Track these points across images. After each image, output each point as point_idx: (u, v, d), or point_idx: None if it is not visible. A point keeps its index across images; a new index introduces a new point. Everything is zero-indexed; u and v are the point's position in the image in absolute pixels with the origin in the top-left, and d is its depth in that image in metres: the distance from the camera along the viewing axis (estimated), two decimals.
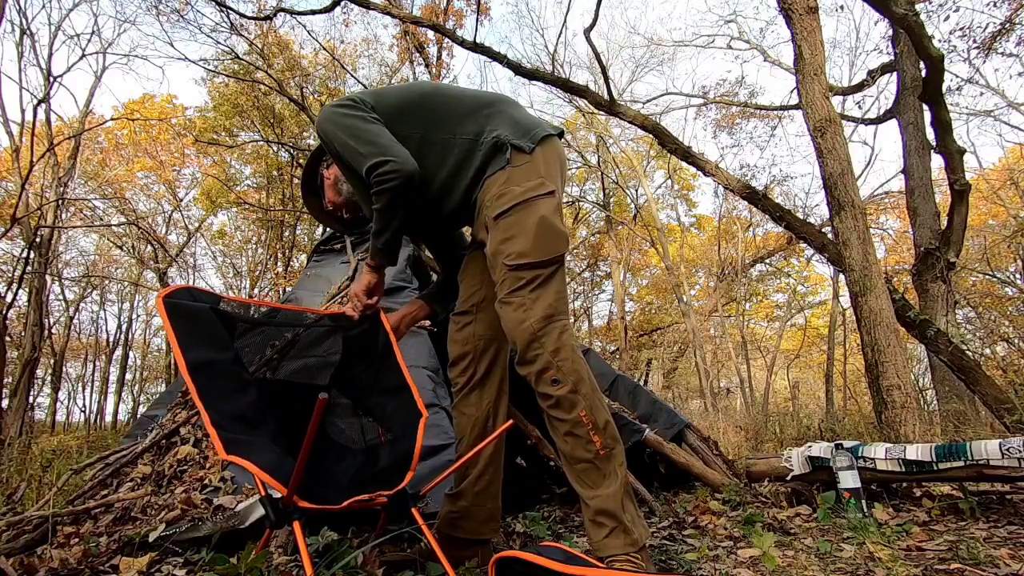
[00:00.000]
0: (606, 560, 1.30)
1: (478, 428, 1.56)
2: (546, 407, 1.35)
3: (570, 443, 1.33)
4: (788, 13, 4.76)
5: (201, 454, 2.27)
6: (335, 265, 3.99)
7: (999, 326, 10.16)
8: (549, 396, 1.33)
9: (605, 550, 1.29)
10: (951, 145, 5.22)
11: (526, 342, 1.33)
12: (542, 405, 1.36)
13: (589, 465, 1.32)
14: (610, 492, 1.30)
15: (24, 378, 9.72)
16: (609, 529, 1.29)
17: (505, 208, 1.38)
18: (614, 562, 1.28)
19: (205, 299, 1.29)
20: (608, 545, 1.29)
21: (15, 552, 1.66)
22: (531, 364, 1.33)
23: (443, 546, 1.39)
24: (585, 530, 1.37)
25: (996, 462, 1.80)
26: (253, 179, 16.30)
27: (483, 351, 1.59)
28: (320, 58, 13.27)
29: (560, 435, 1.35)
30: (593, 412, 1.32)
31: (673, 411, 3.00)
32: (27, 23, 10.03)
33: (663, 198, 18.95)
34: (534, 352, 1.32)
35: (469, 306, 1.62)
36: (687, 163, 7.12)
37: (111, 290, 18.75)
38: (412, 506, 1.29)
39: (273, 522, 1.09)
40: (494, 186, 1.42)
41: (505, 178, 1.41)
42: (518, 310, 1.35)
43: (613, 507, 1.29)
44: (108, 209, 14.88)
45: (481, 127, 1.47)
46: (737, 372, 17.14)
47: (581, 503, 1.36)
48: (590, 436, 1.31)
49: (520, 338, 1.34)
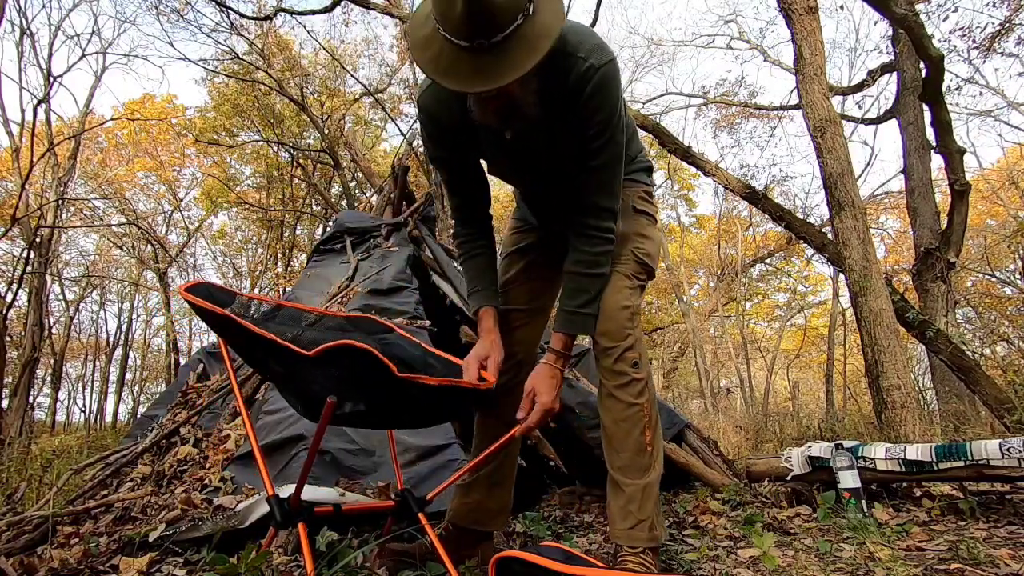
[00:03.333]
0: (620, 552, 1.32)
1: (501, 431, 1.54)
2: (614, 386, 1.38)
3: (623, 429, 1.37)
4: (788, 13, 4.77)
5: (201, 454, 2.27)
6: (335, 265, 3.99)
7: (999, 326, 10.17)
8: (625, 375, 1.37)
9: (627, 540, 1.32)
10: (951, 145, 5.22)
11: (626, 318, 1.39)
12: (609, 385, 1.38)
13: (635, 456, 1.36)
14: (646, 484, 1.35)
15: (24, 378, 9.72)
16: (636, 521, 1.33)
17: (648, 213, 1.56)
18: (626, 558, 1.29)
19: (223, 297, 1.31)
20: (632, 536, 1.32)
21: (15, 552, 1.66)
22: (621, 340, 1.38)
23: (448, 542, 1.40)
24: (609, 518, 1.38)
25: (996, 462, 1.80)
26: (253, 179, 16.30)
27: (524, 363, 1.54)
28: (320, 58, 13.27)
29: (615, 419, 1.38)
30: (653, 408, 1.40)
31: (673, 411, 3.00)
32: (27, 23, 10.04)
33: (663, 198, 18.97)
34: (627, 331, 1.38)
35: (534, 306, 1.59)
36: (687, 163, 7.13)
37: (111, 290, 18.74)
38: (418, 511, 1.29)
39: (279, 522, 1.09)
40: (639, 188, 1.57)
41: (645, 191, 1.59)
42: (626, 292, 1.42)
43: (645, 500, 1.33)
44: (108, 209, 14.88)
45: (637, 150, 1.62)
46: (737, 372, 17.15)
47: (612, 491, 1.38)
48: (644, 428, 1.37)
49: (621, 315, 1.39)
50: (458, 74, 1.04)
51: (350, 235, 4.19)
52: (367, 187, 11.92)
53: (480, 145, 1.37)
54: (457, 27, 1.01)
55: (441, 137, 1.36)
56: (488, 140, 1.34)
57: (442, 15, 1.02)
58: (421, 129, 1.38)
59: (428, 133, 1.38)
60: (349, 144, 12.08)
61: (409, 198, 5.14)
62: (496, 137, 1.31)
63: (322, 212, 14.62)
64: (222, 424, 2.42)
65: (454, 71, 1.04)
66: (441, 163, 1.41)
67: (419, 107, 1.34)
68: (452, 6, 0.99)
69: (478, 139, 1.35)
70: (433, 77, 1.07)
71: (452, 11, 1.00)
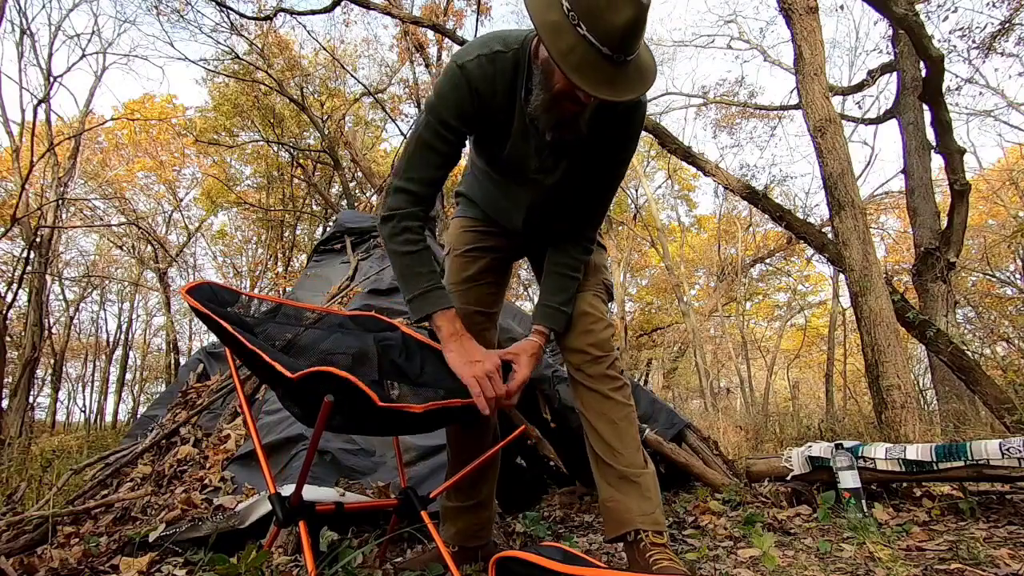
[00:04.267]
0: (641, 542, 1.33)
1: (489, 433, 1.55)
2: (610, 389, 1.43)
3: (623, 428, 1.41)
4: (788, 13, 4.77)
5: (201, 454, 2.27)
6: (335, 265, 3.99)
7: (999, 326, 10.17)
8: (618, 379, 1.44)
9: (652, 524, 1.34)
10: (951, 145, 5.22)
11: (610, 333, 1.48)
12: (606, 388, 1.42)
13: (635, 453, 1.41)
14: (651, 473, 1.41)
15: (24, 378, 9.72)
16: (656, 505, 1.38)
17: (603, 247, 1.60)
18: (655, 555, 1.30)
19: (226, 296, 1.30)
20: (656, 520, 1.35)
21: (15, 552, 1.66)
22: (611, 351, 1.46)
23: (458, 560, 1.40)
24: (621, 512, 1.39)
25: (996, 462, 1.80)
26: (253, 179, 16.30)
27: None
28: (320, 58, 13.27)
29: (614, 418, 1.41)
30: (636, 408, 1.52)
31: (673, 411, 3.00)
32: (27, 23, 10.03)
33: (663, 198, 18.98)
34: (612, 343, 1.47)
35: (494, 310, 1.59)
36: (687, 163, 7.13)
37: (111, 290, 18.74)
38: (421, 508, 1.29)
39: (281, 520, 1.09)
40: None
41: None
42: (604, 310, 1.51)
43: (655, 487, 1.40)
44: (108, 209, 14.87)
45: None
46: (737, 372, 17.15)
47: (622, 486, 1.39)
48: (636, 428, 1.44)
49: (607, 331, 1.47)
50: (593, 78, 1.02)
51: (350, 235, 4.20)
52: (367, 187, 11.93)
53: (505, 132, 1.31)
54: (612, 37, 1.00)
55: (468, 109, 1.25)
56: (521, 132, 1.29)
57: (595, 19, 0.99)
58: (445, 93, 1.25)
59: (455, 99, 1.24)
60: (349, 144, 12.09)
61: None
62: (532, 133, 1.27)
63: (322, 212, 14.64)
64: (222, 424, 2.42)
65: (590, 73, 1.02)
66: (445, 133, 1.27)
67: (461, 72, 1.22)
68: (615, 15, 0.98)
69: (509, 126, 1.29)
70: (568, 73, 1.02)
71: (613, 21, 0.99)
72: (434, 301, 1.29)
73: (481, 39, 1.27)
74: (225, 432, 2.31)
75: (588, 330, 1.44)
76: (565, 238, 1.45)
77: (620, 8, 0.98)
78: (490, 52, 1.22)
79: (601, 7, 0.99)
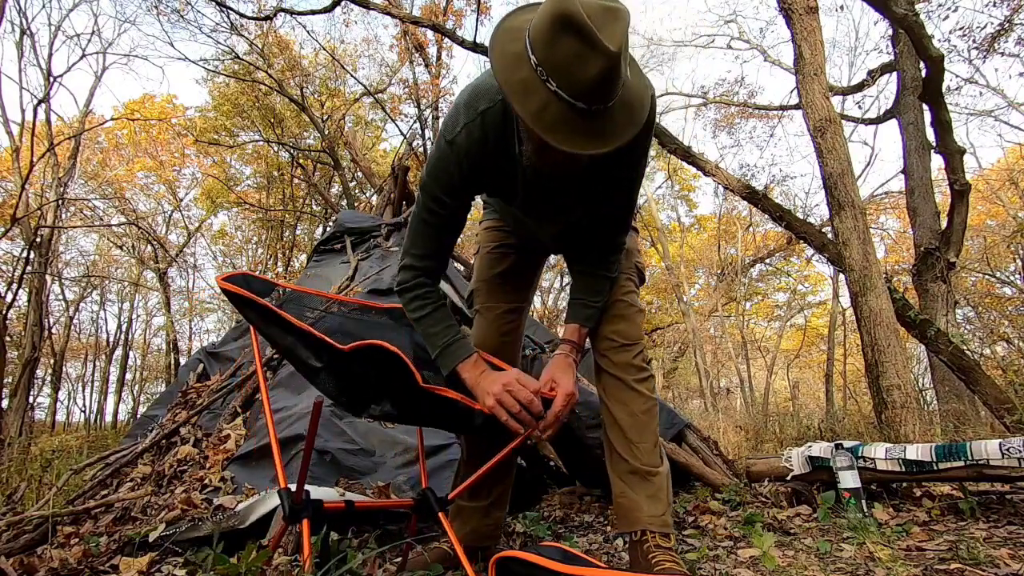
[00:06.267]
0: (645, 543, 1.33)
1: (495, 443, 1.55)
2: (635, 380, 1.44)
3: (643, 421, 1.42)
4: (788, 13, 4.76)
5: (201, 454, 2.27)
6: (335, 265, 3.99)
7: (999, 326, 10.17)
8: (644, 369, 1.46)
9: (660, 526, 1.35)
10: (951, 145, 5.22)
11: (640, 320, 1.51)
12: (630, 379, 1.43)
13: (653, 448, 1.41)
14: (666, 473, 1.42)
15: (24, 378, 9.72)
16: (666, 507, 1.38)
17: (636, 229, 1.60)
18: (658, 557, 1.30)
19: (260, 286, 1.32)
20: (664, 522, 1.36)
21: (15, 552, 1.66)
22: (639, 339, 1.48)
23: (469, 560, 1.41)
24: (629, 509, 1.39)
25: (996, 462, 1.80)
26: (253, 179, 16.30)
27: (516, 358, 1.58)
28: (320, 58, 13.27)
29: (635, 411, 1.42)
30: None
31: (673, 411, 3.00)
32: (27, 23, 10.03)
33: (663, 198, 18.98)
34: (641, 331, 1.50)
35: (522, 305, 1.60)
36: (687, 163, 7.12)
37: (111, 290, 18.73)
38: (440, 510, 1.29)
39: (288, 516, 1.09)
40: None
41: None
42: (635, 296, 1.53)
43: (668, 488, 1.41)
44: (108, 209, 14.87)
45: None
46: (737, 372, 17.14)
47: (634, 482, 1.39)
48: (656, 422, 1.44)
49: (637, 316, 1.51)
50: (570, 135, 0.98)
51: (350, 235, 4.20)
52: (367, 187, 11.92)
53: (512, 178, 1.29)
54: (582, 90, 0.95)
55: (462, 182, 1.25)
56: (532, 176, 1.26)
57: (564, 74, 0.94)
58: (437, 173, 1.24)
59: (447, 179, 1.24)
60: (349, 144, 12.08)
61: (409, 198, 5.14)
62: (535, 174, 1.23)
63: (322, 212, 14.63)
64: (222, 424, 2.42)
65: (565, 130, 0.97)
66: (440, 210, 1.27)
67: (451, 148, 1.21)
68: (583, 69, 0.93)
69: (515, 173, 1.27)
70: (542, 134, 0.97)
71: (582, 74, 0.93)
72: (454, 354, 1.30)
73: (465, 99, 1.21)
74: (225, 432, 2.31)
75: (618, 315, 1.46)
76: (596, 244, 1.44)
77: (589, 61, 0.92)
78: (476, 115, 1.18)
79: (570, 62, 0.93)
